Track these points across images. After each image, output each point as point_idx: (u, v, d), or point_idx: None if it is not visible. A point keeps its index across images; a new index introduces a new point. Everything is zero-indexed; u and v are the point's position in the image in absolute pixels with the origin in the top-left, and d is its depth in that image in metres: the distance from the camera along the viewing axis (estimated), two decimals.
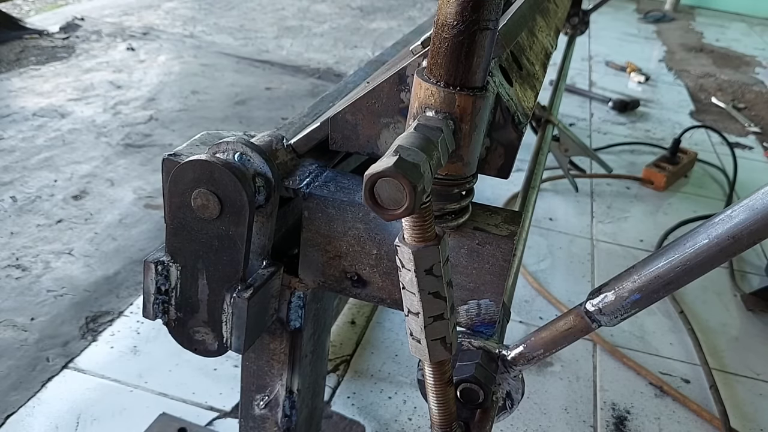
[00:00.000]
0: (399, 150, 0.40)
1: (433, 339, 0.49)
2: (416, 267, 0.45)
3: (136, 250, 1.57)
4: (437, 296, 0.47)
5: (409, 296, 0.47)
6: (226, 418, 1.14)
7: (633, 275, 0.49)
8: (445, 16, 0.45)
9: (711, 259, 0.45)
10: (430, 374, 0.53)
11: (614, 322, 0.51)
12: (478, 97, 0.47)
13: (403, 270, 0.46)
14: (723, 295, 1.67)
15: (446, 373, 0.53)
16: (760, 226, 0.43)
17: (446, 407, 0.55)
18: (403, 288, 0.47)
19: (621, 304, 0.50)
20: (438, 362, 0.52)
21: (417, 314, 0.48)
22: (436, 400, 0.55)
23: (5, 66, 2.58)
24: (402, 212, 0.40)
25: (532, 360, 0.58)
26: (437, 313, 0.48)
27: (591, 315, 0.52)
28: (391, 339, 1.38)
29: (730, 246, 0.44)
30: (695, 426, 1.25)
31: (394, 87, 0.56)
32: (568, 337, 0.55)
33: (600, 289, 0.52)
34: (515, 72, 0.63)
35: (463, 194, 0.56)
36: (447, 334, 0.49)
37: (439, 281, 0.47)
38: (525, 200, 1.18)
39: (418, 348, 0.50)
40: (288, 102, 2.57)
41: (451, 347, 0.50)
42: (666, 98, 3.18)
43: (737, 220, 0.44)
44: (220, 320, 0.62)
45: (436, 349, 0.49)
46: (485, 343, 0.60)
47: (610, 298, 0.50)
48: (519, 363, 0.58)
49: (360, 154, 0.60)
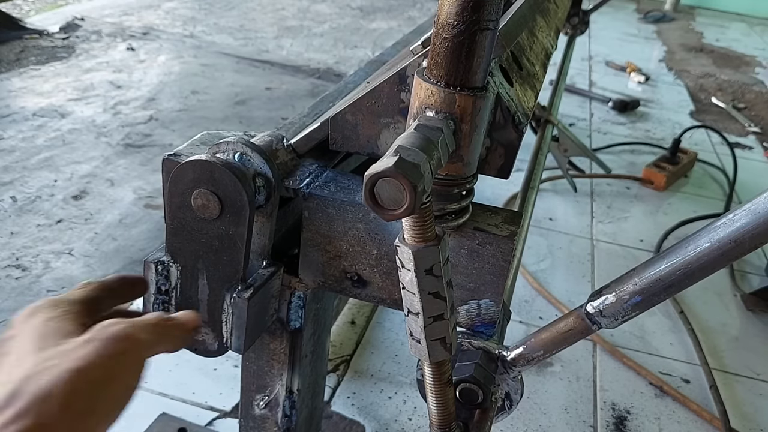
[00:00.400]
0: (399, 150, 0.40)
1: (433, 339, 0.49)
2: (416, 267, 0.45)
3: (136, 250, 1.57)
4: (437, 296, 0.47)
5: (409, 296, 0.47)
6: (226, 418, 1.14)
7: (634, 278, 0.49)
8: (445, 16, 0.45)
9: (712, 263, 0.45)
10: (429, 374, 0.53)
11: (615, 324, 0.51)
12: (479, 97, 0.47)
13: (403, 270, 0.46)
14: (723, 295, 1.67)
15: (446, 374, 0.53)
16: (762, 230, 0.43)
17: (445, 407, 0.55)
18: (403, 288, 0.47)
19: (622, 307, 0.50)
20: (437, 362, 0.52)
21: (417, 314, 0.48)
22: (435, 400, 0.55)
23: (5, 66, 2.58)
24: (402, 212, 0.40)
25: (531, 361, 0.58)
26: (437, 314, 0.48)
27: (591, 317, 0.52)
28: (391, 339, 1.38)
29: (732, 250, 0.44)
30: (695, 426, 1.25)
31: (394, 87, 0.56)
32: (568, 339, 0.55)
33: (601, 291, 0.52)
34: (515, 72, 0.63)
35: (463, 194, 0.56)
36: (447, 335, 0.49)
37: (439, 281, 0.47)
38: (524, 200, 1.18)
39: (418, 348, 0.50)
40: (288, 102, 2.57)
41: (450, 347, 0.50)
42: (666, 98, 3.18)
43: (739, 224, 0.44)
44: (220, 320, 0.62)
45: (435, 350, 0.49)
46: (485, 344, 0.60)
47: (610, 300, 0.50)
48: (519, 364, 0.59)
49: (360, 154, 0.60)
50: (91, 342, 0.43)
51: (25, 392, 0.39)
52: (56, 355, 0.42)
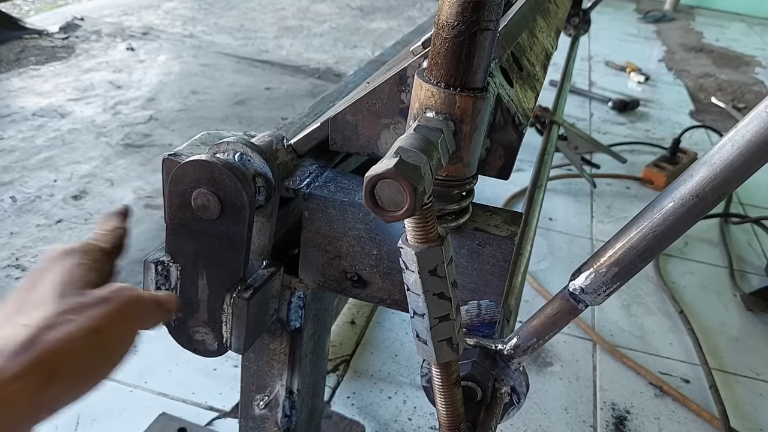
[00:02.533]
0: (399, 151, 0.40)
1: (440, 340, 0.49)
2: (420, 268, 0.45)
3: (136, 250, 1.57)
4: (442, 297, 0.47)
5: (414, 298, 0.47)
6: (225, 418, 1.14)
7: (608, 251, 0.49)
8: (445, 16, 0.45)
9: (680, 222, 0.45)
10: (437, 376, 0.53)
11: (599, 300, 0.51)
12: (479, 98, 0.47)
13: (407, 272, 0.46)
14: (723, 295, 1.67)
15: (453, 374, 0.53)
16: (720, 181, 0.43)
17: (454, 408, 0.55)
18: (407, 290, 0.47)
19: (601, 281, 0.50)
20: (444, 363, 0.51)
21: (422, 316, 0.47)
22: (444, 401, 0.54)
23: (5, 66, 2.58)
24: (402, 214, 0.39)
25: (527, 350, 0.58)
26: (443, 314, 0.48)
27: (575, 296, 0.52)
28: (391, 339, 1.38)
29: (696, 205, 0.44)
30: (695, 426, 1.25)
31: (394, 88, 0.56)
32: (557, 322, 0.54)
33: (580, 269, 0.52)
34: (516, 73, 0.63)
35: (463, 195, 0.56)
36: (453, 335, 0.49)
37: (444, 282, 0.46)
38: (531, 200, 1.18)
39: (425, 350, 0.49)
40: (288, 102, 2.57)
41: (457, 348, 0.50)
42: (666, 98, 3.18)
43: (697, 178, 0.44)
44: (220, 320, 0.62)
45: (442, 350, 0.49)
46: (480, 340, 0.59)
47: (590, 277, 0.50)
48: (516, 355, 0.58)
49: (360, 154, 0.60)
50: (108, 302, 0.45)
51: (41, 342, 0.40)
52: (76, 308, 0.44)
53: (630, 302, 1.58)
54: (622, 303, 1.58)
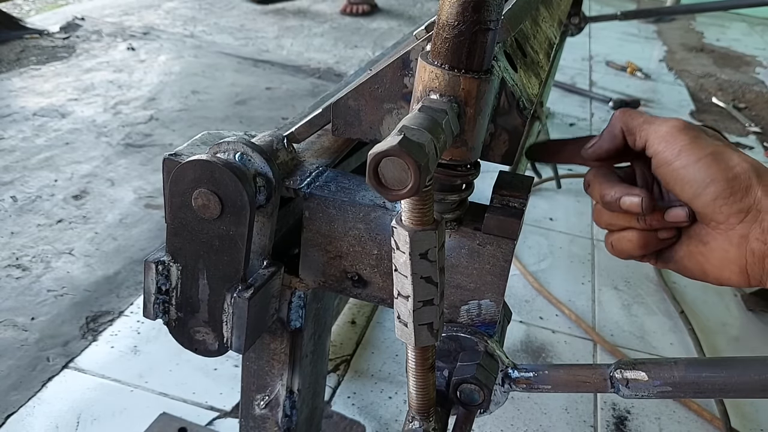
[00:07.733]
0: (404, 129, 0.40)
1: (421, 324, 0.48)
2: (411, 250, 0.45)
3: (136, 250, 1.57)
4: (429, 281, 0.47)
5: (400, 279, 0.47)
6: (226, 417, 1.14)
7: (674, 370, 0.49)
8: (446, 16, 0.44)
9: (749, 391, 0.46)
10: (413, 359, 0.52)
11: (631, 397, 0.52)
12: (483, 80, 0.47)
13: (398, 252, 0.46)
14: (723, 295, 1.67)
15: (429, 359, 0.53)
16: None
17: (426, 392, 0.55)
18: (395, 270, 0.47)
19: (647, 388, 0.50)
20: (422, 348, 0.51)
21: (407, 297, 0.47)
22: (417, 384, 0.54)
23: (5, 66, 2.58)
24: (407, 192, 0.39)
25: (533, 389, 0.57)
26: (427, 298, 0.47)
27: (615, 382, 0.52)
28: (392, 339, 1.38)
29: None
30: (695, 426, 1.25)
31: (397, 72, 0.55)
32: (580, 388, 0.54)
33: (635, 365, 0.51)
34: (519, 59, 0.62)
35: (463, 187, 0.56)
36: (435, 320, 0.48)
37: (433, 266, 0.46)
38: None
39: (404, 332, 0.49)
40: (288, 102, 2.57)
41: (437, 334, 0.49)
42: (666, 98, 3.18)
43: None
44: (221, 320, 0.62)
45: (422, 334, 0.49)
46: (495, 350, 0.59)
47: (641, 378, 0.50)
48: (519, 386, 0.58)
49: (362, 140, 0.60)
50: None
51: None
52: None
53: (630, 302, 1.58)
54: (622, 303, 1.58)
